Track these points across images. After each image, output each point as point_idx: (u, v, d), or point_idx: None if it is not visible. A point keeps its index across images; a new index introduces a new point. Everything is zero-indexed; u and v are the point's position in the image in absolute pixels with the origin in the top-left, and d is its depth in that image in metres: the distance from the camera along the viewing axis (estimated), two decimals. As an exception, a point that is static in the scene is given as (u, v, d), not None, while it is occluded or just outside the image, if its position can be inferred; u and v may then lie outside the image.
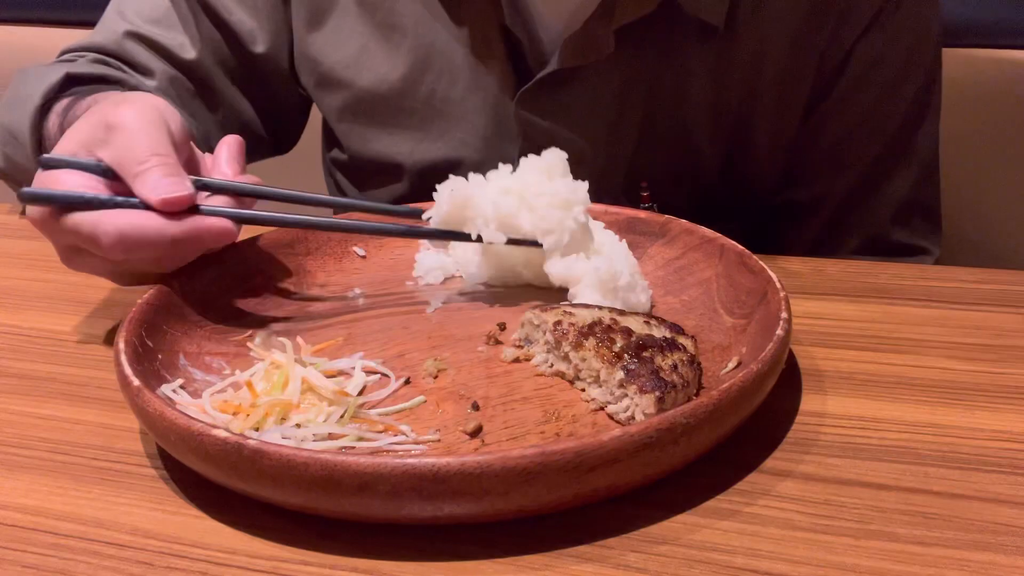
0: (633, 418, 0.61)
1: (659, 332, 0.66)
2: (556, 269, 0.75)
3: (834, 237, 1.01)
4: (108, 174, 0.69)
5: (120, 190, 0.69)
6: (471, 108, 0.97)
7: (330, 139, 1.08)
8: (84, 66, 0.94)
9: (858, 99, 0.97)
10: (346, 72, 0.99)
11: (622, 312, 0.69)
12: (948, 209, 1.04)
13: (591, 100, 0.94)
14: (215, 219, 0.68)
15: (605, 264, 0.73)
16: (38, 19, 1.48)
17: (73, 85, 0.90)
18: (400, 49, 0.97)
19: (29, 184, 0.73)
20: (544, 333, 0.68)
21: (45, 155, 0.71)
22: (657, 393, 0.60)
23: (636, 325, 0.66)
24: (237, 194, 0.72)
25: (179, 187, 0.67)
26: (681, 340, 0.65)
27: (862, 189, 1.00)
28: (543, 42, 0.94)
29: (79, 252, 0.70)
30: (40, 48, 1.01)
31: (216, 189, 0.71)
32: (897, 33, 0.95)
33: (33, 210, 0.69)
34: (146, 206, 0.67)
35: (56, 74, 0.89)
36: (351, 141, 1.04)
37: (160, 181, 0.67)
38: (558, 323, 0.67)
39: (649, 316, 0.69)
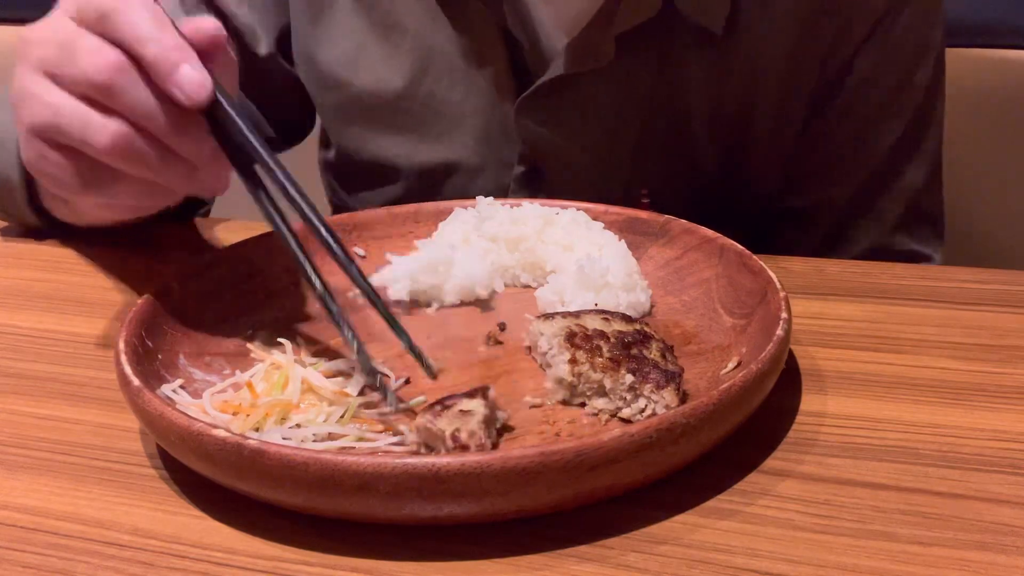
0: (655, 415, 0.60)
1: (619, 326, 0.65)
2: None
3: (836, 246, 1.00)
4: None
5: None
6: (470, 111, 0.96)
7: (326, 140, 1.08)
8: None
9: (858, 110, 0.96)
10: (343, 71, 0.98)
11: (577, 314, 0.67)
12: (948, 209, 1.04)
13: (590, 107, 0.94)
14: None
15: (590, 262, 0.73)
16: (38, 19, 1.47)
17: None
18: (400, 49, 0.96)
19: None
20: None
21: None
22: (673, 385, 0.60)
23: (599, 324, 0.65)
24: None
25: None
26: (642, 327, 0.65)
27: (864, 198, 0.99)
28: (544, 47, 0.93)
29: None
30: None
31: None
32: (898, 43, 0.94)
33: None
34: None
35: None
36: (346, 141, 1.03)
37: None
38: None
39: (600, 311, 0.68)
